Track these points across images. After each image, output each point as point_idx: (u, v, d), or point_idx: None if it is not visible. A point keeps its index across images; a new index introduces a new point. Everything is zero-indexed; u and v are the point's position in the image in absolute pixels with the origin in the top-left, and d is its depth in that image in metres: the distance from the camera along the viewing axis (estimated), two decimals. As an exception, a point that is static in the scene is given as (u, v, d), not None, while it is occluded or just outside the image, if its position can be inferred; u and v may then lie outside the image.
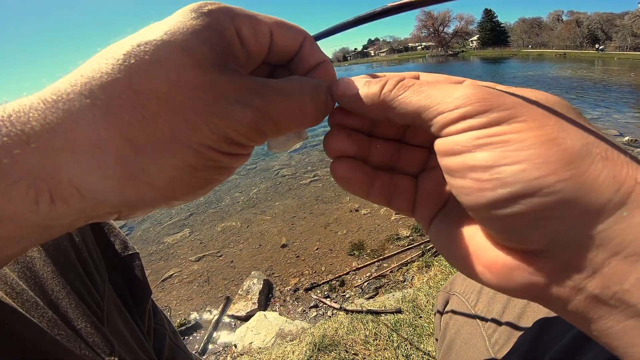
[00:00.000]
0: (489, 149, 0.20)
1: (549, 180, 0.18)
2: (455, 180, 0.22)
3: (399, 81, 0.25)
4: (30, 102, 0.19)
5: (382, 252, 3.33)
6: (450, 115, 0.22)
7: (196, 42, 0.21)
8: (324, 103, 0.27)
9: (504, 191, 0.19)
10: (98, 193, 0.20)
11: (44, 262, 0.46)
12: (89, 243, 0.55)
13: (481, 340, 0.59)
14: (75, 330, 0.44)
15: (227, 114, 0.21)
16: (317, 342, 1.94)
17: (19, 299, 0.40)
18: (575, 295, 0.19)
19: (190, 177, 0.22)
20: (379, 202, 0.31)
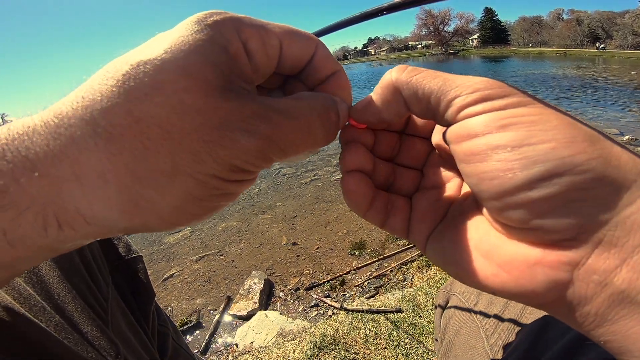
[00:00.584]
0: (515, 129, 0.19)
1: (581, 158, 0.18)
2: (477, 166, 0.21)
3: (407, 66, 0.25)
4: (33, 124, 0.19)
5: (382, 252, 3.34)
6: (469, 98, 0.22)
7: (198, 62, 0.20)
8: (334, 123, 0.26)
9: (536, 170, 0.18)
10: (103, 221, 0.20)
11: (50, 267, 0.46)
12: (92, 247, 0.55)
13: (480, 342, 0.59)
14: (81, 334, 0.45)
15: (232, 144, 0.20)
16: (317, 341, 1.94)
17: (27, 304, 0.41)
18: (599, 292, 0.18)
19: (195, 206, 0.21)
20: (375, 220, 0.30)
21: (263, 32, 0.23)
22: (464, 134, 0.22)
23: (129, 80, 0.19)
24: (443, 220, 0.28)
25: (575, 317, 0.19)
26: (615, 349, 0.18)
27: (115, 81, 0.19)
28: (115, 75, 0.19)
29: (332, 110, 0.25)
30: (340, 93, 0.28)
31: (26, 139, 0.18)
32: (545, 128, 0.19)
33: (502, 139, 0.19)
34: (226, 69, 0.21)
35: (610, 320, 0.18)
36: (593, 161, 0.18)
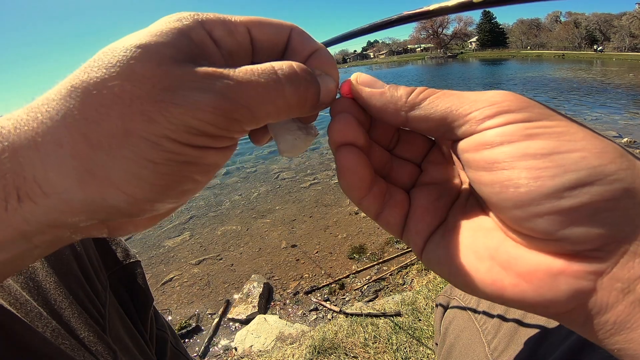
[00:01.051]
0: (544, 138, 0.19)
1: (611, 168, 0.18)
2: (499, 174, 0.20)
3: (426, 88, 0.25)
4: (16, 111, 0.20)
5: (381, 255, 3.33)
6: (488, 110, 0.21)
7: (155, 41, 0.20)
8: (307, 84, 0.24)
9: (566, 178, 0.18)
10: (60, 191, 0.19)
11: (47, 272, 0.46)
12: (90, 252, 0.55)
13: (480, 346, 0.59)
14: (78, 340, 0.44)
15: (184, 101, 0.19)
16: (317, 345, 1.94)
17: (23, 309, 0.41)
18: (621, 300, 0.18)
19: (152, 173, 0.20)
20: (370, 209, 0.29)
21: (227, 22, 0.24)
22: (484, 143, 0.21)
23: (92, 61, 0.20)
24: (444, 222, 0.27)
25: (592, 326, 0.19)
26: (630, 357, 0.18)
27: (83, 66, 0.20)
28: (85, 64, 0.20)
29: (300, 70, 0.24)
30: (324, 69, 0.27)
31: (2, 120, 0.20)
32: (574, 138, 0.19)
33: (531, 147, 0.19)
34: (187, 50, 0.21)
35: (629, 328, 0.18)
36: (622, 172, 0.18)
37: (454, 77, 22.12)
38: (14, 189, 0.19)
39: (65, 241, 0.23)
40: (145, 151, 0.19)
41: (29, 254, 0.22)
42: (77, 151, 0.19)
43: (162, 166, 0.20)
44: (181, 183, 0.22)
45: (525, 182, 0.19)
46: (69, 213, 0.20)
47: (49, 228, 0.20)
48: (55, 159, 0.19)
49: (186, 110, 0.19)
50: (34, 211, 0.19)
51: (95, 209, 0.20)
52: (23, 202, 0.19)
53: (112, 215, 0.21)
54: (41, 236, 0.21)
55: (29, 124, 0.19)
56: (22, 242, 0.20)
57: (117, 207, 0.20)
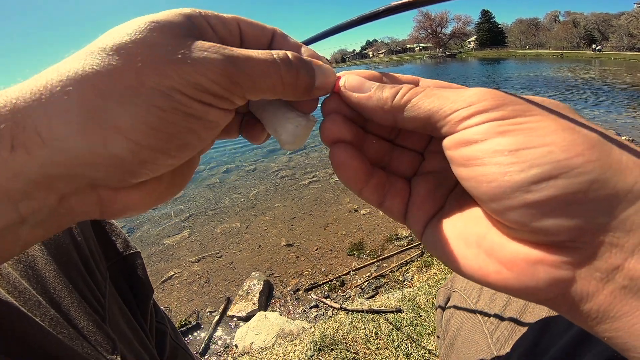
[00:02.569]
0: (514, 135, 0.20)
1: (578, 161, 0.18)
2: (475, 169, 0.21)
3: (410, 88, 0.26)
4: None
5: (381, 252, 3.33)
6: (465, 111, 0.22)
7: (169, 19, 0.23)
8: (299, 66, 0.27)
9: (532, 172, 0.19)
10: (59, 137, 0.19)
11: (46, 260, 0.46)
12: (90, 242, 0.55)
13: (483, 337, 0.59)
14: (77, 329, 0.44)
15: (196, 61, 0.22)
16: (317, 341, 1.94)
17: (21, 297, 0.40)
18: (601, 289, 0.18)
19: (158, 119, 0.21)
20: (371, 199, 0.30)
21: (221, 16, 0.27)
22: (462, 141, 0.22)
23: (108, 33, 0.22)
24: (441, 209, 0.28)
25: (578, 314, 0.20)
26: (620, 345, 0.18)
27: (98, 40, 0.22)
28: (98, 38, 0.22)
29: (294, 56, 0.27)
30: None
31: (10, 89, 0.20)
32: (543, 133, 0.19)
33: (500, 144, 0.20)
34: (192, 30, 0.24)
35: (612, 317, 0.18)
36: (590, 164, 0.18)
37: (452, 76, 22.16)
38: (8, 138, 0.19)
39: (57, 221, 0.23)
40: (155, 100, 0.21)
41: (17, 232, 0.21)
42: (85, 99, 0.20)
43: (169, 114, 0.21)
44: (183, 134, 0.23)
45: (495, 177, 0.20)
46: (63, 164, 0.20)
47: (37, 188, 0.20)
48: (61, 106, 0.19)
49: (197, 69, 0.22)
50: (24, 162, 0.19)
51: (93, 160, 0.21)
52: (16, 151, 0.19)
53: (108, 170, 0.21)
54: (28, 201, 0.20)
55: (36, 81, 0.20)
56: (7, 207, 0.20)
57: (116, 155, 0.21)
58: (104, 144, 0.20)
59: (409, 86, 0.26)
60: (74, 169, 0.20)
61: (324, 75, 0.28)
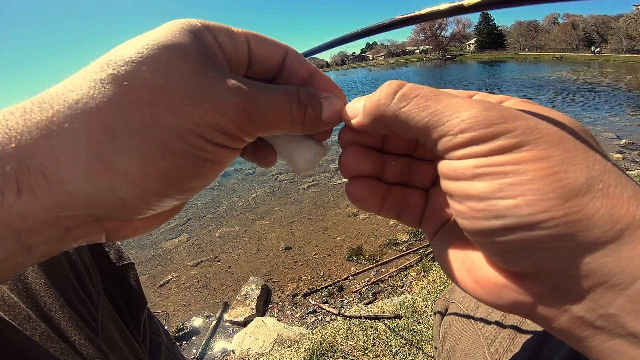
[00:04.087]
0: (487, 180, 0.20)
1: (541, 217, 0.18)
2: (454, 204, 0.23)
3: (397, 89, 0.24)
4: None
5: (380, 257, 3.32)
6: (454, 140, 0.21)
7: (181, 42, 0.22)
8: (307, 103, 0.27)
9: (496, 222, 0.20)
10: (66, 181, 0.19)
11: (37, 274, 0.45)
12: (83, 255, 0.54)
13: (480, 349, 0.59)
14: (69, 343, 0.44)
15: (217, 99, 0.21)
16: (315, 347, 1.93)
17: (11, 312, 0.40)
18: (560, 316, 0.19)
19: (169, 164, 0.20)
20: (388, 216, 0.31)
21: (230, 31, 0.26)
22: (447, 174, 0.23)
23: (117, 56, 0.20)
24: (448, 221, 0.29)
25: (551, 330, 0.21)
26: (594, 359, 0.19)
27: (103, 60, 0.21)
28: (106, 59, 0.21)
29: (301, 92, 0.27)
30: (328, 90, 0.30)
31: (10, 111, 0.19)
32: (516, 182, 0.19)
33: (474, 189, 0.21)
34: (204, 51, 0.23)
35: (578, 338, 0.19)
36: (554, 220, 0.18)
37: (452, 79, 22.19)
38: (14, 180, 0.18)
39: (60, 246, 0.22)
40: (169, 142, 0.20)
41: (21, 260, 0.21)
42: (94, 138, 0.19)
43: (181, 159, 0.21)
44: (193, 179, 0.22)
45: (465, 216, 0.21)
46: (70, 207, 0.20)
47: (44, 226, 0.20)
48: (69, 146, 0.19)
49: (217, 108, 0.21)
50: (31, 206, 0.19)
51: (99, 202, 0.20)
52: (22, 195, 0.18)
53: (114, 211, 0.21)
54: (35, 236, 0.20)
55: (42, 113, 0.19)
56: (14, 241, 0.19)
57: (123, 199, 0.20)
58: (110, 188, 0.20)
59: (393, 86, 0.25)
60: (80, 209, 0.20)
61: (331, 109, 0.28)
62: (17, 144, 0.18)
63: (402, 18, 0.30)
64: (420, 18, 0.29)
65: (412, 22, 0.29)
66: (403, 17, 0.30)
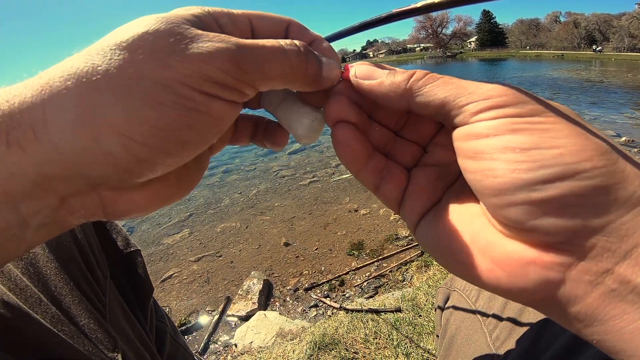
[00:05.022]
0: (527, 134, 0.20)
1: (586, 166, 0.19)
2: (482, 163, 0.22)
3: (426, 73, 0.26)
4: None
5: (381, 252, 3.33)
6: (482, 104, 0.22)
7: (176, 15, 0.23)
8: (307, 55, 0.26)
9: (540, 173, 0.19)
10: (53, 133, 0.19)
11: (47, 258, 0.46)
12: (91, 240, 0.55)
13: (482, 336, 0.59)
14: (78, 327, 0.44)
15: (202, 49, 0.21)
16: (317, 340, 1.94)
17: (22, 295, 0.41)
18: (590, 292, 0.19)
19: (157, 114, 0.20)
20: (368, 181, 0.30)
21: (230, 13, 0.26)
22: (473, 134, 0.22)
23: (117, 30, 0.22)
24: (438, 203, 0.29)
25: (565, 317, 0.20)
26: (609, 348, 0.19)
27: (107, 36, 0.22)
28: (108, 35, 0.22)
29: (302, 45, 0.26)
30: (325, 54, 0.29)
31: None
32: (556, 136, 0.20)
33: (512, 141, 0.20)
34: (198, 26, 0.23)
35: (600, 320, 0.18)
36: (596, 170, 0.19)
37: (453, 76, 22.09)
38: (4, 133, 0.18)
39: (59, 220, 0.22)
40: (155, 93, 0.20)
41: (21, 235, 0.21)
42: (81, 94, 0.19)
43: (168, 108, 0.21)
44: (183, 130, 0.22)
45: (502, 172, 0.20)
46: (59, 163, 0.20)
47: (37, 188, 0.20)
48: (58, 102, 0.19)
49: (203, 58, 0.21)
50: (21, 161, 0.19)
51: (87, 157, 0.20)
52: (11, 148, 0.19)
53: (103, 168, 0.21)
54: (28, 202, 0.20)
55: (41, 78, 0.20)
56: (8, 209, 0.19)
57: (110, 152, 0.20)
58: (95, 140, 0.20)
59: (424, 71, 0.26)
60: (70, 168, 0.20)
61: (330, 67, 0.29)
62: (11, 103, 0.19)
63: (399, 11, 0.30)
64: (417, 11, 0.29)
65: (408, 15, 0.30)
66: (400, 10, 0.30)
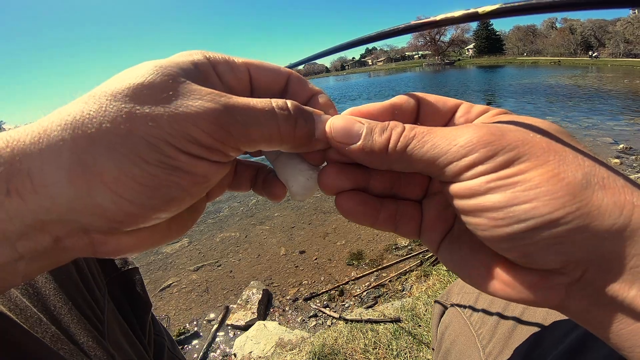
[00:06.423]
0: (501, 191, 0.22)
1: (559, 214, 0.20)
2: (471, 219, 0.24)
3: (400, 132, 0.26)
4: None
5: (380, 262, 3.33)
6: (459, 164, 0.24)
7: (171, 64, 0.24)
8: (297, 117, 0.26)
9: (519, 226, 0.21)
10: (49, 185, 0.20)
11: (46, 279, 0.47)
12: (89, 259, 0.55)
13: (476, 351, 0.59)
14: (77, 345, 0.45)
15: (190, 109, 0.22)
16: (316, 351, 1.93)
17: (22, 315, 0.41)
18: (591, 304, 0.22)
19: (142, 171, 0.21)
20: (386, 229, 0.31)
21: (230, 61, 0.27)
22: (461, 194, 0.24)
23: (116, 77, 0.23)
24: (452, 229, 0.30)
25: (577, 319, 0.23)
26: (616, 345, 0.21)
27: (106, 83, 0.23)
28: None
29: (293, 106, 0.27)
30: (325, 111, 0.30)
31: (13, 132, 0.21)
32: (527, 187, 0.21)
33: (491, 201, 0.22)
34: (195, 75, 0.24)
35: (604, 324, 0.21)
36: (570, 215, 0.20)
37: (451, 84, 22.16)
38: (4, 182, 0.19)
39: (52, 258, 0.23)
40: (141, 150, 0.21)
41: (14, 267, 0.22)
42: (76, 145, 0.20)
43: (153, 167, 0.21)
44: (168, 188, 0.22)
45: (487, 227, 0.23)
46: (55, 211, 0.21)
47: (33, 230, 0.21)
48: (55, 151, 0.20)
49: (189, 118, 0.22)
50: (19, 208, 0.20)
51: (80, 207, 0.21)
52: (11, 197, 0.19)
53: (95, 218, 0.21)
54: (24, 241, 0.21)
55: (40, 124, 0.21)
56: (5, 247, 0.20)
57: (100, 205, 0.21)
58: (88, 193, 0.20)
59: (398, 130, 0.26)
60: (64, 215, 0.21)
61: (324, 129, 0.28)
62: (11, 150, 0.20)
63: (418, 23, 0.30)
64: (436, 24, 0.29)
65: (427, 27, 0.30)
66: (418, 22, 0.30)
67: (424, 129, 0.26)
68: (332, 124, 0.28)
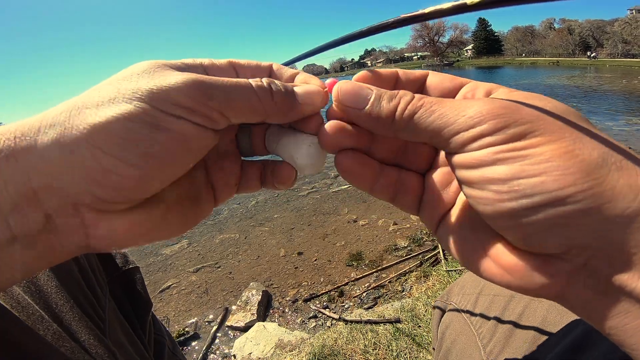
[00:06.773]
0: (508, 163, 0.21)
1: (569, 191, 0.19)
2: (474, 192, 0.23)
3: (409, 101, 0.25)
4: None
5: (380, 263, 3.33)
6: (466, 135, 0.23)
7: (165, 61, 0.26)
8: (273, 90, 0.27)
9: (523, 202, 0.20)
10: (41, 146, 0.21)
11: (48, 276, 0.47)
12: (90, 258, 0.56)
13: (476, 351, 0.60)
14: (79, 342, 0.45)
15: (174, 79, 0.23)
16: (316, 352, 1.93)
17: (24, 312, 0.41)
18: (594, 295, 0.20)
19: (123, 127, 0.22)
20: (382, 197, 0.31)
21: (217, 63, 0.30)
22: (465, 163, 0.23)
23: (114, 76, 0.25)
24: (452, 207, 0.29)
25: (578, 311, 0.22)
26: (618, 342, 0.20)
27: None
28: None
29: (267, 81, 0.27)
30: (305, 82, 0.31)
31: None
32: (537, 161, 0.20)
33: (497, 172, 0.21)
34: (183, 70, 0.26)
35: (608, 317, 0.20)
36: (580, 194, 0.19)
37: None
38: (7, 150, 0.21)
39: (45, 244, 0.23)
40: (123, 108, 0.22)
41: (10, 252, 0.22)
42: (70, 112, 0.22)
43: (134, 124, 0.22)
44: (150, 144, 0.23)
45: (490, 201, 0.22)
46: (44, 174, 0.22)
47: (24, 201, 0.21)
48: (52, 121, 0.22)
49: (171, 84, 0.23)
50: (14, 172, 0.21)
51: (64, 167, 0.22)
52: (9, 161, 0.21)
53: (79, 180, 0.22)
54: (16, 214, 0.21)
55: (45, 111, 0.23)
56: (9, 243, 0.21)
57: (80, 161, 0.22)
58: (71, 149, 0.22)
59: (407, 98, 0.26)
60: (52, 178, 0.22)
61: (306, 92, 0.29)
62: (18, 125, 0.22)
63: (407, 16, 0.30)
64: (425, 16, 0.28)
65: (417, 20, 0.29)
66: (408, 15, 0.30)
67: (432, 99, 0.25)
68: (339, 88, 0.28)
